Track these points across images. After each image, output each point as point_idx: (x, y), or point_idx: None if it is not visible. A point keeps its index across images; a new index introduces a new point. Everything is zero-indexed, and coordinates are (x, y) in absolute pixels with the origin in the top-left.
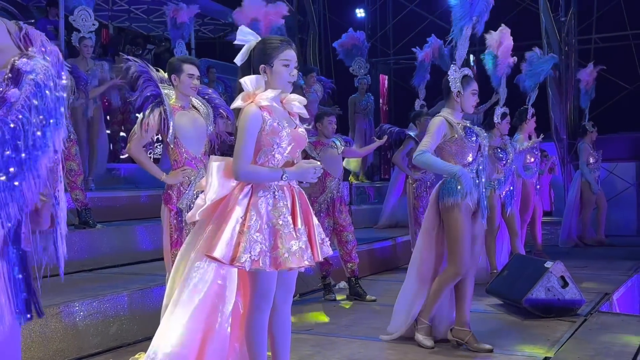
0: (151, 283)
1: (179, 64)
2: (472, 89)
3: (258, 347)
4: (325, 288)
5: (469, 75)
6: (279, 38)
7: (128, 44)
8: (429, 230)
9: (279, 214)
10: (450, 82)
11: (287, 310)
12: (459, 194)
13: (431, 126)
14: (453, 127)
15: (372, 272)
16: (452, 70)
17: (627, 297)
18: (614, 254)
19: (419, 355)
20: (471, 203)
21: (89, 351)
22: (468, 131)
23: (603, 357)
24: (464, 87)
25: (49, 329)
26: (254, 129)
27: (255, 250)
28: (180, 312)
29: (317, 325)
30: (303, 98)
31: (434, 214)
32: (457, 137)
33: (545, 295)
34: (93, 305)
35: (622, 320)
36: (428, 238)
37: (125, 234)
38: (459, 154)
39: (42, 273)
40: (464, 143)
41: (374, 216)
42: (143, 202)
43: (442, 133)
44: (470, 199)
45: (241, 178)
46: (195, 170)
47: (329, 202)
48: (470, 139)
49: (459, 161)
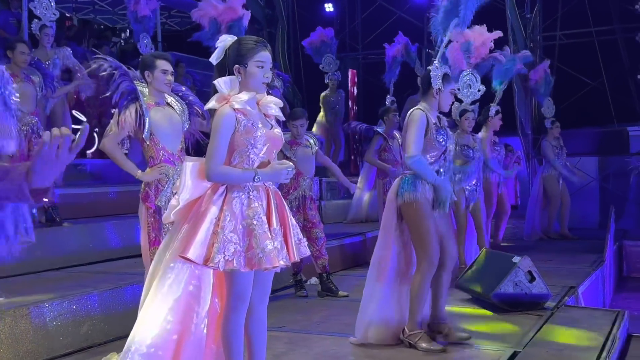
0: (121, 282)
1: (152, 60)
2: (452, 87)
3: (234, 348)
4: (297, 284)
5: (448, 74)
6: (254, 39)
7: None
8: (387, 228)
9: (254, 214)
10: (432, 78)
11: (263, 310)
12: (417, 190)
13: (413, 121)
14: (428, 124)
15: (343, 268)
16: (434, 66)
17: (592, 291)
18: (577, 247)
19: (393, 352)
20: (430, 198)
21: (59, 352)
22: (439, 132)
23: (571, 350)
24: (444, 85)
25: (18, 329)
26: (226, 130)
27: (229, 250)
28: (155, 312)
29: (289, 322)
30: (279, 100)
31: (392, 211)
32: (429, 135)
33: (513, 290)
34: (63, 305)
35: (588, 314)
36: (386, 236)
37: (93, 232)
38: (425, 151)
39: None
40: (433, 143)
41: (343, 211)
42: (110, 198)
43: (424, 126)
44: (429, 194)
45: (213, 179)
46: (173, 167)
47: (300, 200)
48: (439, 139)
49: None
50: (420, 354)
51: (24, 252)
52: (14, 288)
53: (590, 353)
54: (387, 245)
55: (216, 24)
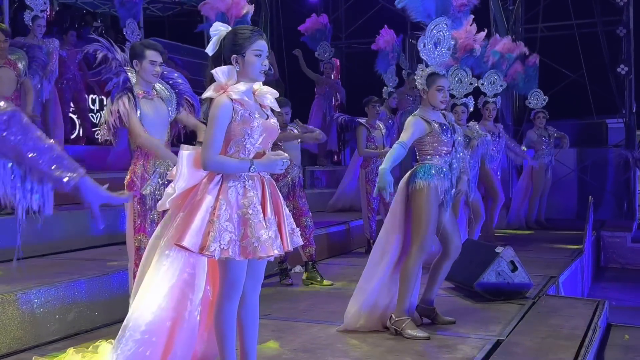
0: (107, 269)
1: (141, 49)
2: (437, 85)
3: (227, 335)
4: (282, 273)
5: (436, 73)
6: (250, 28)
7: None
8: (395, 213)
9: (249, 203)
10: (417, 80)
11: (255, 298)
12: (430, 179)
13: (407, 125)
14: (430, 123)
15: (327, 256)
16: (419, 68)
17: (571, 280)
18: (557, 238)
19: (378, 339)
20: (440, 190)
21: (46, 338)
22: (444, 128)
23: (554, 339)
24: (428, 85)
25: (6, 316)
26: (223, 120)
27: (225, 239)
28: (149, 299)
29: (275, 310)
30: (275, 91)
31: (402, 198)
32: (433, 132)
33: (495, 279)
34: (50, 292)
35: (569, 304)
36: (392, 221)
37: (76, 218)
38: (435, 147)
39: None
40: (440, 140)
41: (325, 201)
42: None
43: (419, 130)
44: (440, 187)
45: (209, 168)
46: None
47: (289, 187)
48: (443, 138)
49: (435, 153)
50: (404, 341)
51: (7, 239)
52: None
53: (572, 342)
54: (393, 230)
55: (224, 17)
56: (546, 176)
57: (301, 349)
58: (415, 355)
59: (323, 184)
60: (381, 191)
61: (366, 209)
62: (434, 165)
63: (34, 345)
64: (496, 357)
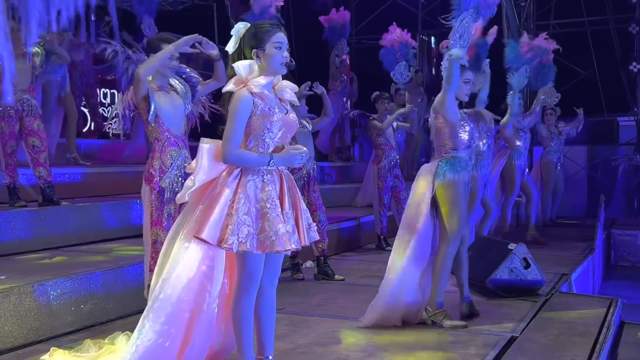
0: (122, 262)
1: (158, 43)
2: (464, 78)
3: (245, 329)
4: (294, 267)
5: (463, 65)
6: (269, 22)
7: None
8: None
9: (267, 197)
10: (442, 72)
11: (272, 292)
12: (457, 171)
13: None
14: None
15: (337, 252)
16: (445, 60)
17: (583, 278)
18: (567, 235)
19: (392, 334)
20: (466, 180)
21: (62, 330)
22: (464, 122)
23: (568, 336)
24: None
25: (23, 307)
26: (244, 113)
27: (243, 232)
28: (168, 291)
29: (288, 304)
30: (294, 85)
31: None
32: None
33: (508, 276)
34: (66, 284)
35: (582, 301)
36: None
37: (89, 211)
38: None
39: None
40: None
41: (334, 196)
42: (104, 179)
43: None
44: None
45: (229, 161)
46: (177, 149)
47: (304, 181)
48: (461, 133)
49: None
50: (418, 336)
51: (24, 230)
52: (16, 267)
53: (587, 339)
54: (416, 222)
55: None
56: (555, 172)
57: (315, 342)
58: (429, 350)
59: (333, 180)
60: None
61: (378, 205)
62: (459, 159)
63: (51, 337)
64: (510, 353)
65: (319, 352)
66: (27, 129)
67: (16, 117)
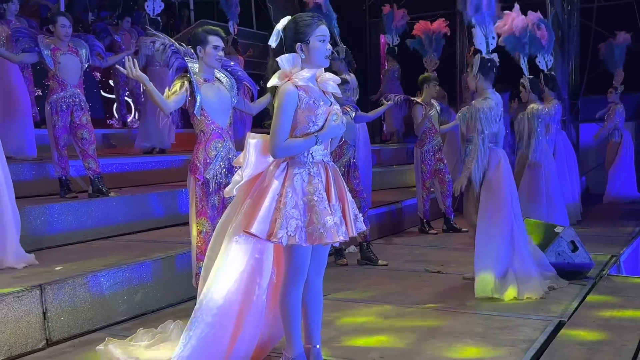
0: (171, 251)
1: (204, 35)
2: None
3: (293, 318)
4: (337, 253)
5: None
6: (310, 15)
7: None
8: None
9: (314, 190)
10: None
11: (319, 282)
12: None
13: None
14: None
15: (380, 236)
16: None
17: (632, 259)
18: (616, 214)
19: (438, 319)
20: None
21: (116, 319)
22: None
23: (618, 321)
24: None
25: (77, 298)
26: (290, 107)
27: (292, 226)
28: (220, 284)
29: (332, 290)
30: (337, 77)
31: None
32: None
33: (555, 260)
34: (118, 274)
35: (633, 284)
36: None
37: (138, 201)
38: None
39: None
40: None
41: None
42: (150, 168)
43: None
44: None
45: (278, 155)
46: (222, 141)
47: (345, 168)
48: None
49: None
50: (465, 321)
51: (74, 222)
52: (68, 258)
53: (637, 323)
54: (507, 196)
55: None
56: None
57: (360, 329)
58: (476, 336)
59: (374, 162)
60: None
61: (421, 189)
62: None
63: (105, 326)
64: (559, 339)
65: (364, 338)
66: (76, 122)
67: (67, 111)
